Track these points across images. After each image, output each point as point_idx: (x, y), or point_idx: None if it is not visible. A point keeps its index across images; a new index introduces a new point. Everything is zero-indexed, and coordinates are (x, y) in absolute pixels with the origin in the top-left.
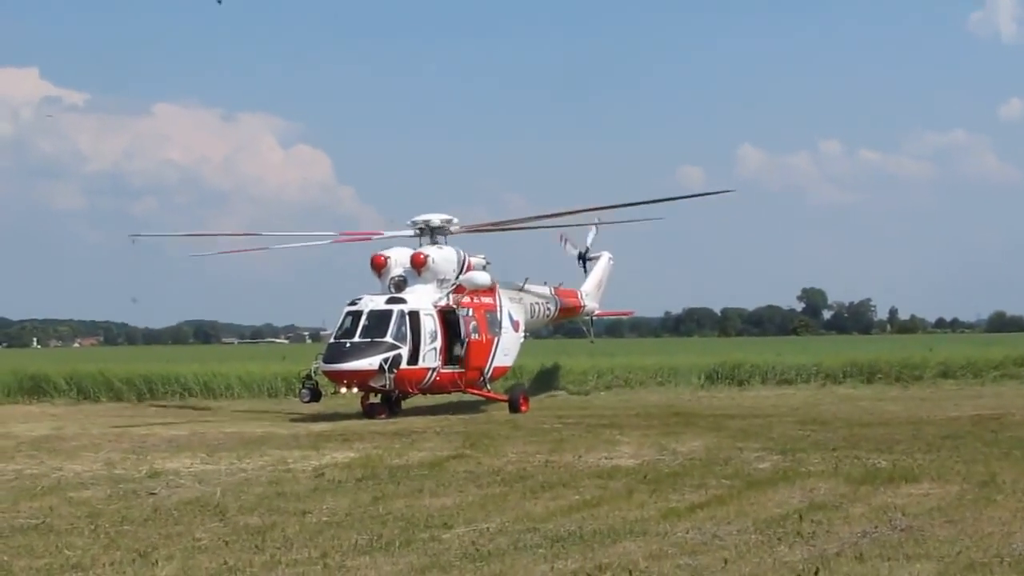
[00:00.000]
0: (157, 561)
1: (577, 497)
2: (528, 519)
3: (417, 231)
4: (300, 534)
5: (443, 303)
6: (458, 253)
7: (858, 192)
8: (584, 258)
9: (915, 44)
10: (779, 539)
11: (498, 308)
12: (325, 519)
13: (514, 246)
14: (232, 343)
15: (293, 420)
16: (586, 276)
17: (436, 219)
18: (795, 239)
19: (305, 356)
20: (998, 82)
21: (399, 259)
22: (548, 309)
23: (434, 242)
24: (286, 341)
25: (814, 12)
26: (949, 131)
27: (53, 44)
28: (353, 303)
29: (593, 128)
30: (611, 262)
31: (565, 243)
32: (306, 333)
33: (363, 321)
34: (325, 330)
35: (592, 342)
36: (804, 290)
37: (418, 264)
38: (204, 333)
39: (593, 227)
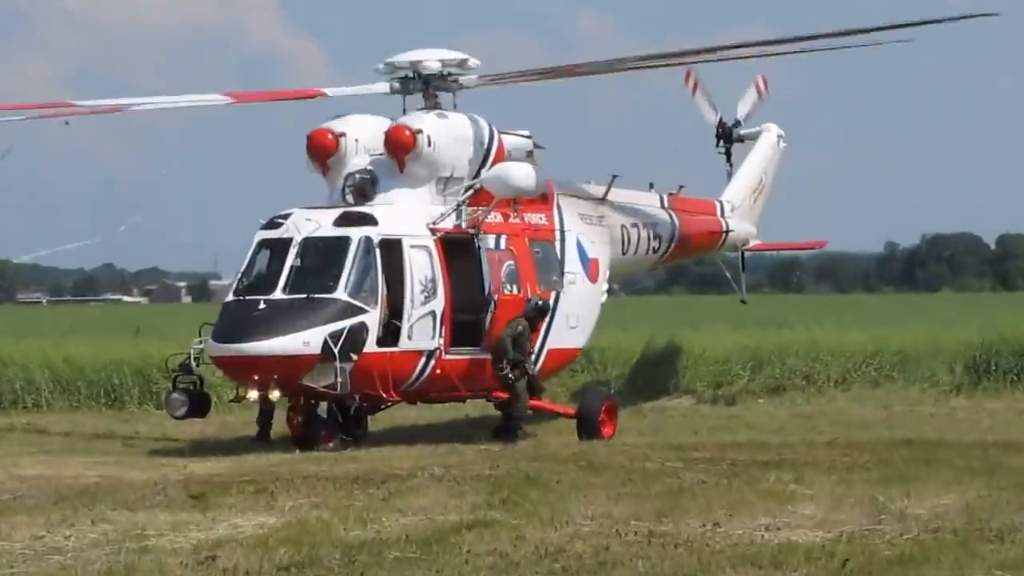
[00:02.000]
0: None
1: None
2: None
3: (396, 84)
4: None
5: (449, 224)
6: (477, 126)
7: None
8: (729, 134)
9: None
10: None
11: (557, 234)
12: None
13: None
14: (38, 301)
15: (156, 452)
16: (732, 176)
17: (434, 62)
18: None
19: (179, 329)
20: None
21: (363, 140)
22: (657, 237)
23: (432, 107)
24: (142, 300)
25: None
26: None
27: None
28: (272, 225)
29: None
30: (781, 145)
31: (695, 88)
32: (181, 285)
33: (291, 260)
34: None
35: (744, 301)
36: None
37: (400, 148)
38: None
39: (753, 88)
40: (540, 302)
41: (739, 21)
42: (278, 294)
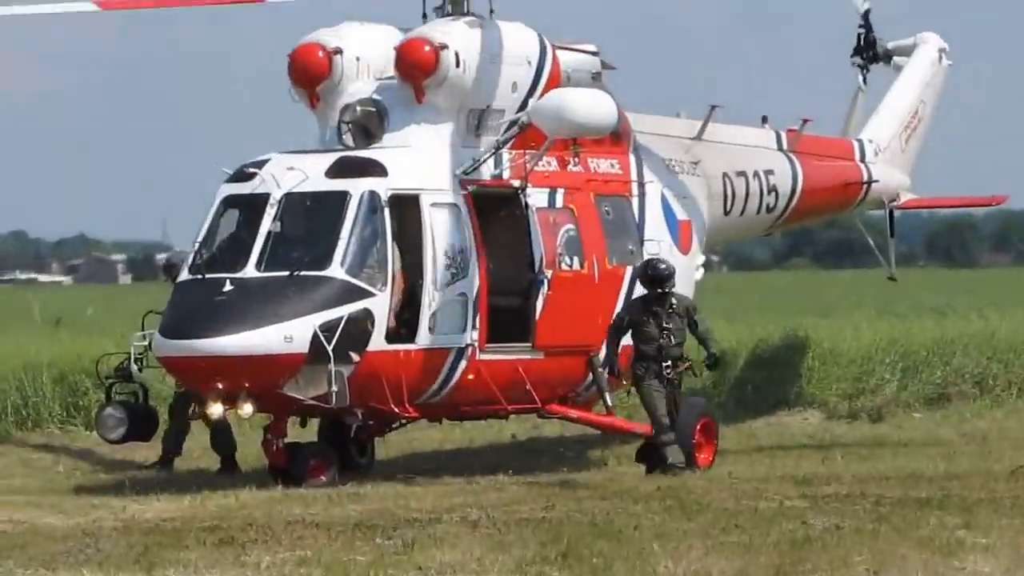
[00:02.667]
0: None
1: None
2: None
3: None
4: None
5: (485, 175)
6: (524, 39)
7: None
8: (872, 44)
9: None
10: None
11: (635, 188)
12: None
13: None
14: None
15: (84, 489)
16: (855, 108)
17: None
18: None
19: (115, 319)
20: None
21: (366, 58)
22: (772, 191)
23: (460, 12)
24: (64, 279)
25: None
26: None
27: None
28: (241, 176)
29: None
30: (944, 63)
31: None
32: (118, 260)
33: (267, 224)
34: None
35: (893, 277)
36: None
37: (417, 69)
38: None
39: None
40: (662, 267)
41: None
42: (250, 271)
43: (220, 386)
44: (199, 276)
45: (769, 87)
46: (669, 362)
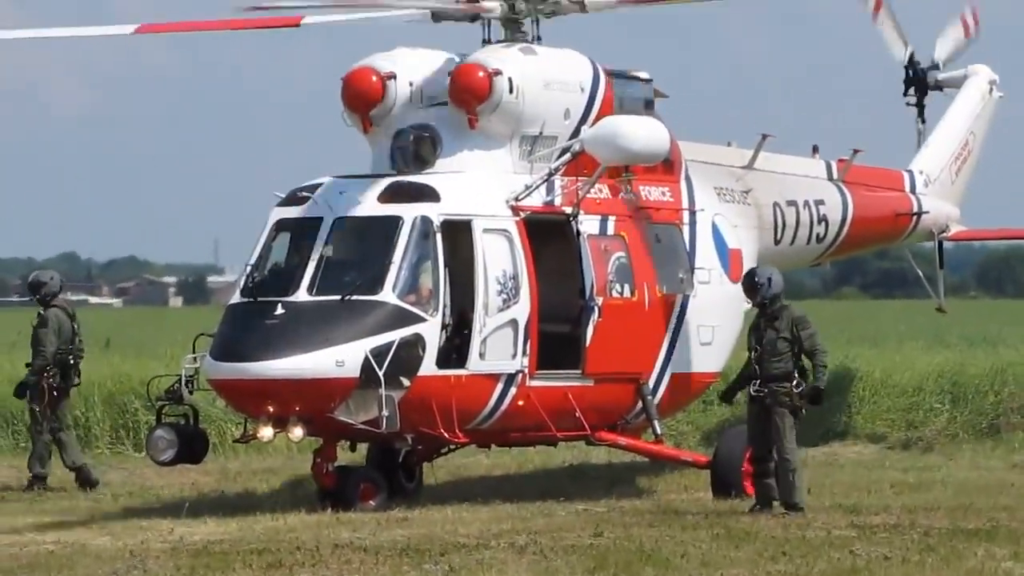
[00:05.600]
0: None
1: None
2: None
3: (470, 6)
4: None
5: (537, 201)
6: (577, 66)
7: None
8: (923, 80)
9: None
10: None
11: (686, 216)
12: None
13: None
14: None
15: (133, 511)
16: (923, 138)
17: None
18: None
19: (165, 342)
20: None
21: (419, 84)
22: (823, 220)
23: (516, 37)
24: (115, 301)
25: None
26: None
27: None
28: (294, 200)
29: None
30: (995, 95)
31: (877, 5)
32: (169, 282)
33: (319, 248)
34: (219, 275)
35: (942, 309)
36: None
37: (471, 95)
38: None
39: (958, 23)
40: (756, 276)
41: None
42: (302, 295)
43: (270, 410)
44: (251, 299)
45: (820, 117)
46: (759, 381)
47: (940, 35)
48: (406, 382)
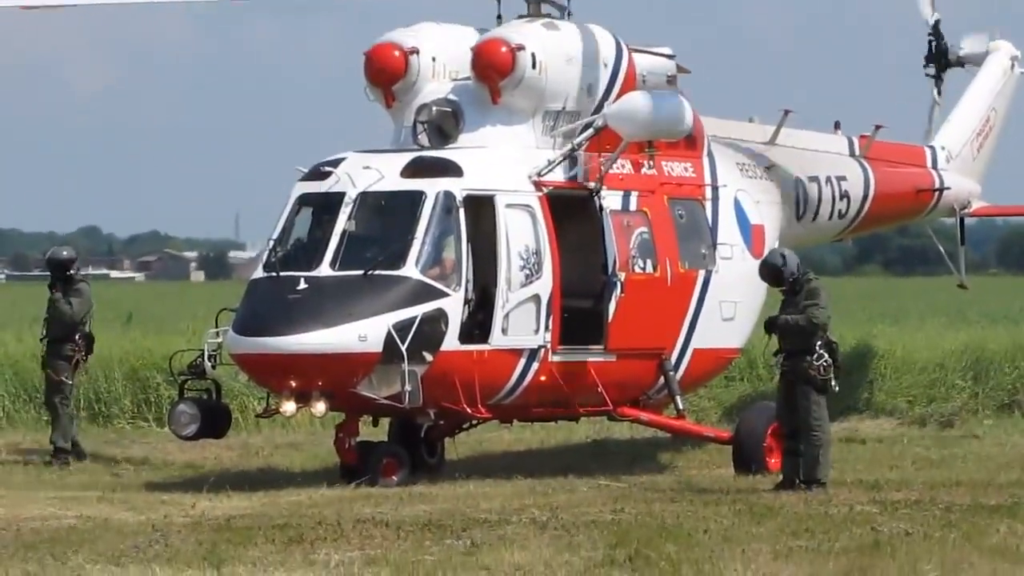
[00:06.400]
0: None
1: None
2: None
3: None
4: None
5: (560, 176)
6: (600, 41)
7: None
8: (944, 53)
9: None
10: None
11: (708, 192)
12: None
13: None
14: None
15: (154, 485)
16: (935, 113)
17: None
18: None
19: (187, 316)
20: None
21: (442, 58)
22: (844, 196)
23: (537, 13)
24: (137, 276)
25: None
26: None
27: None
28: (317, 175)
29: None
30: (1016, 71)
31: None
32: (191, 257)
33: (342, 223)
34: (241, 249)
35: (963, 285)
36: None
37: (494, 70)
38: None
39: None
40: (768, 259)
41: None
42: (324, 270)
43: (293, 384)
44: (273, 274)
45: (842, 92)
46: (782, 355)
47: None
48: (429, 357)
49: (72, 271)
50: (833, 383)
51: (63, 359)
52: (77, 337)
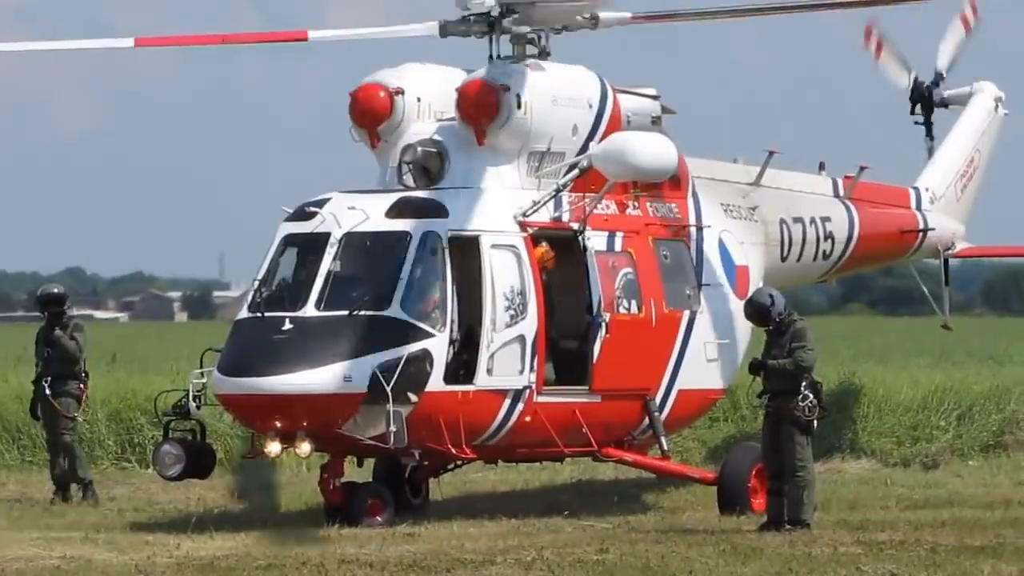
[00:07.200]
0: None
1: None
2: None
3: (479, 21)
4: None
5: (544, 217)
6: (585, 82)
7: None
8: (928, 97)
9: None
10: None
11: (693, 232)
12: None
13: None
14: None
15: (139, 526)
16: (931, 154)
17: None
18: None
19: (171, 356)
20: None
21: (427, 99)
22: (829, 237)
23: (523, 54)
24: (121, 316)
25: None
26: None
27: None
28: (302, 215)
29: None
30: (1000, 111)
31: (878, 48)
32: (174, 297)
33: (327, 264)
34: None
35: (947, 326)
36: None
37: (480, 111)
38: None
39: (957, 22)
40: (753, 299)
41: None
42: (309, 310)
43: (278, 425)
44: (258, 314)
45: (826, 134)
46: (767, 395)
47: (941, 42)
48: (414, 398)
49: (67, 306)
50: (815, 425)
51: (71, 396)
52: (80, 373)
